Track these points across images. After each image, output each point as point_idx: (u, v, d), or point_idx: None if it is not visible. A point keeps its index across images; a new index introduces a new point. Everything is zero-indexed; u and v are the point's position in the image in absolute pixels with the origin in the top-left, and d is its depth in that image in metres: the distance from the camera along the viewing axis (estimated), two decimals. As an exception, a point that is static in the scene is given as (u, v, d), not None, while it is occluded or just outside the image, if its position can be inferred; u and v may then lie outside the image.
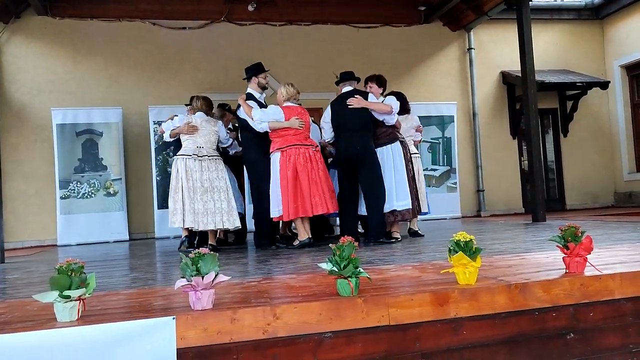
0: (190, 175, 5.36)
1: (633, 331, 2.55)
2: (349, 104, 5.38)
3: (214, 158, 5.56)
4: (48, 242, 8.53)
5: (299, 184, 5.12)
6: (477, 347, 2.37)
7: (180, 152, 5.51)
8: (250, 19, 9.56)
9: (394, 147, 5.52)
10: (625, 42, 10.50)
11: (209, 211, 5.33)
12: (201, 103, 5.70)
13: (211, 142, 5.59)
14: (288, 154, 5.17)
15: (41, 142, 8.68)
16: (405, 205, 5.44)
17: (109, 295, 2.82)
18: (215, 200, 5.39)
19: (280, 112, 5.27)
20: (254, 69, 5.70)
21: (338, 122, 5.48)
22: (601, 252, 3.34)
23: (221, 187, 5.45)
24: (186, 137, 5.52)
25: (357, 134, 5.35)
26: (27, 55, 8.79)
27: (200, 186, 5.35)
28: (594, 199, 10.85)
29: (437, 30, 10.37)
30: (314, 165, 5.22)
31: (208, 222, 5.33)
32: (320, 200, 5.15)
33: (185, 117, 5.63)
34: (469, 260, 2.45)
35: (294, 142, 5.21)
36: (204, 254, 2.23)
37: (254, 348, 2.16)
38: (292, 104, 5.42)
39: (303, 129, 5.29)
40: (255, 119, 5.25)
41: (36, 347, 1.96)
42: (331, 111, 5.56)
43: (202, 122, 5.57)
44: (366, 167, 5.31)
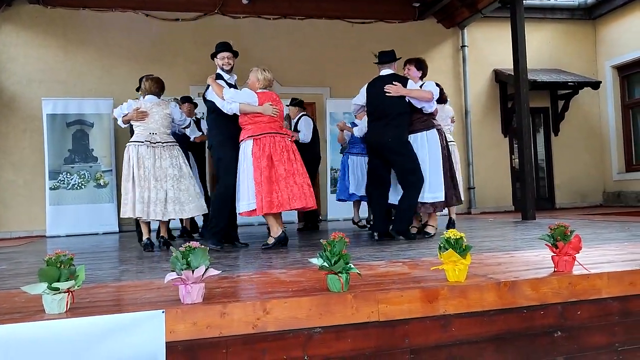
0: (142, 163, 5.03)
1: (619, 330, 2.58)
2: (386, 91, 5.02)
3: (169, 145, 5.21)
4: (37, 233, 8.47)
5: (275, 176, 4.70)
6: (465, 344, 2.39)
7: (133, 139, 5.17)
8: (244, 12, 9.51)
9: (429, 135, 5.19)
10: (617, 42, 10.56)
11: (159, 201, 5.02)
12: (149, 85, 5.31)
13: (165, 126, 5.24)
14: (262, 143, 4.73)
15: (31, 132, 8.61)
16: (436, 197, 5.13)
17: (98, 288, 2.81)
18: (167, 189, 5.06)
19: (254, 96, 4.83)
20: (217, 48, 5.18)
21: (373, 108, 5.15)
22: (589, 251, 3.37)
23: (175, 175, 5.11)
24: (138, 124, 5.16)
25: (393, 122, 5.01)
26: (17, 44, 8.70)
27: (153, 174, 5.03)
28: (583, 198, 10.93)
29: (431, 27, 10.38)
30: (290, 156, 4.80)
31: (157, 212, 5.00)
32: (299, 192, 4.73)
33: (134, 102, 5.24)
34: (458, 257, 2.46)
35: (268, 130, 4.78)
36: (194, 247, 2.23)
37: (243, 342, 2.16)
38: (266, 90, 4.96)
39: (277, 117, 4.88)
40: (227, 98, 4.80)
41: (24, 339, 1.95)
42: (367, 95, 5.22)
43: (152, 106, 5.20)
44: (400, 158, 5.01)
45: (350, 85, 9.83)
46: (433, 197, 5.12)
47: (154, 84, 5.32)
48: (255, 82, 4.95)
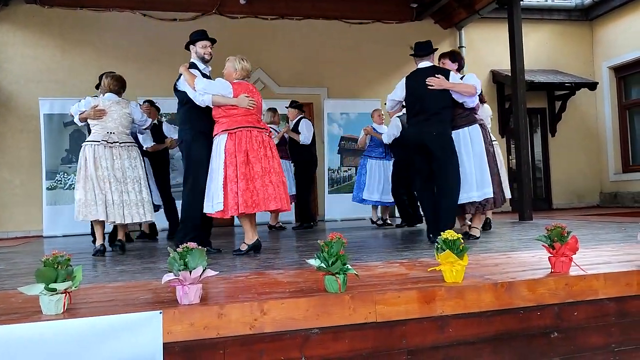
0: (100, 164, 4.81)
1: (616, 331, 2.59)
2: (428, 84, 4.73)
3: (127, 145, 4.99)
4: (33, 233, 8.45)
5: (251, 173, 4.25)
6: (463, 345, 2.39)
7: (89, 138, 4.95)
8: (242, 12, 9.50)
9: (472, 130, 4.93)
10: (614, 43, 10.59)
11: (118, 204, 4.81)
12: (109, 82, 5.06)
13: (123, 126, 5.02)
14: (238, 137, 4.29)
15: (28, 132, 8.59)
16: (484, 194, 4.84)
17: (95, 289, 2.80)
18: (129, 191, 4.87)
19: (229, 87, 4.39)
20: (194, 36, 4.82)
21: (414, 102, 4.84)
22: (586, 252, 3.38)
23: (135, 177, 4.92)
24: (95, 122, 4.94)
25: (436, 117, 4.73)
26: (14, 43, 8.68)
27: (113, 176, 4.81)
28: (580, 198, 10.96)
29: (428, 28, 10.38)
30: (267, 152, 4.36)
31: (125, 215, 4.83)
32: (274, 193, 4.29)
33: (92, 100, 5.03)
34: (456, 258, 2.47)
35: (244, 124, 4.34)
36: (192, 248, 2.23)
37: (240, 343, 2.16)
38: (243, 81, 4.54)
39: (254, 110, 4.43)
40: (198, 89, 4.39)
41: (21, 340, 1.94)
42: (406, 88, 4.91)
43: (111, 104, 4.98)
44: (443, 155, 4.71)
45: (348, 86, 9.89)
46: (481, 194, 4.85)
47: (113, 82, 5.09)
48: (232, 72, 4.52)
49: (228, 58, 4.59)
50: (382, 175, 7.18)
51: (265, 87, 9.59)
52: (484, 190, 4.84)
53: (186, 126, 4.67)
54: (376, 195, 7.17)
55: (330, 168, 9.58)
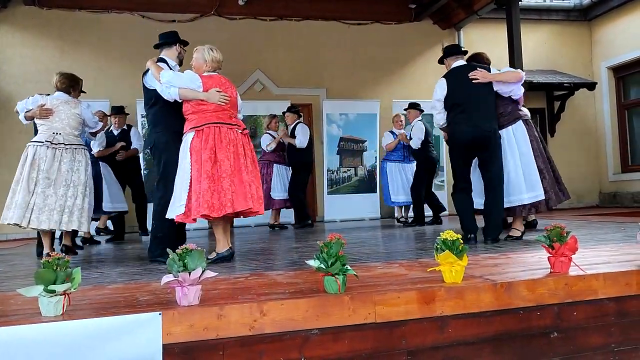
0: (37, 165, 4.57)
1: (615, 330, 2.59)
2: (472, 77, 4.54)
3: (73, 147, 4.72)
4: (32, 235, 8.41)
5: (217, 172, 3.84)
6: (462, 345, 2.39)
7: (34, 138, 4.74)
8: (241, 13, 9.50)
9: (516, 128, 4.72)
10: (612, 43, 10.60)
11: (48, 207, 4.51)
12: (58, 80, 4.86)
13: (71, 126, 4.76)
14: (205, 134, 3.90)
15: (27, 133, 8.51)
16: (535, 197, 4.64)
17: (94, 290, 2.80)
18: (59, 196, 4.55)
19: (198, 80, 4.00)
20: (174, 36, 4.56)
21: (457, 100, 4.60)
22: (585, 252, 3.38)
23: (74, 182, 4.63)
24: (41, 122, 4.73)
25: (487, 113, 4.53)
26: (13, 45, 8.68)
27: (46, 178, 4.55)
28: (579, 198, 10.96)
29: (427, 29, 10.39)
30: (239, 151, 3.96)
31: (43, 220, 4.50)
32: (245, 192, 3.89)
33: (40, 98, 4.82)
34: (455, 258, 2.47)
35: (214, 120, 3.95)
36: (191, 249, 2.23)
37: (240, 344, 2.16)
38: (214, 73, 4.15)
39: (227, 106, 4.02)
40: (164, 81, 3.99)
41: (20, 341, 1.94)
42: (448, 87, 4.68)
43: (59, 103, 4.76)
44: (494, 154, 4.53)
45: (347, 86, 9.89)
46: (532, 196, 4.63)
47: (62, 79, 4.87)
48: (201, 63, 4.12)
49: (196, 48, 4.21)
50: (403, 177, 7.61)
51: (264, 88, 9.60)
52: (536, 193, 4.64)
53: (158, 128, 4.28)
54: (402, 197, 7.59)
55: (330, 169, 9.58)
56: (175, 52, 4.50)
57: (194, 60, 4.18)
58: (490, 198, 4.52)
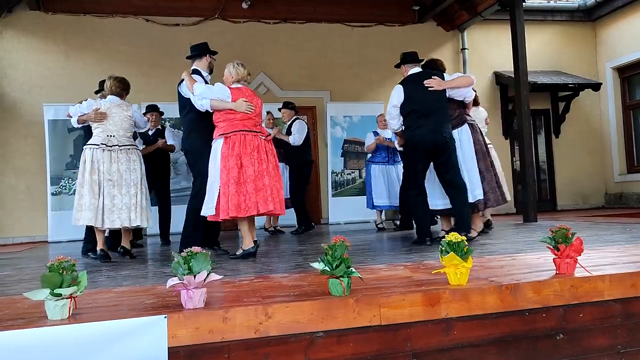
0: (97, 168, 4.75)
1: (621, 332, 2.58)
2: (428, 85, 4.76)
3: (127, 148, 4.90)
4: (39, 239, 8.47)
5: (243, 176, 4.29)
6: (468, 348, 2.38)
7: (90, 142, 4.90)
8: (244, 16, 9.53)
9: (461, 131, 5.01)
10: (617, 44, 10.57)
11: (116, 207, 4.73)
12: (112, 84, 5.03)
13: (124, 129, 4.94)
14: (232, 141, 4.36)
15: (32, 137, 8.62)
16: (474, 196, 4.92)
17: (100, 293, 2.81)
18: (123, 194, 4.77)
19: (227, 92, 4.48)
20: (204, 47, 5.02)
21: (415, 107, 4.79)
22: (591, 253, 3.37)
23: (133, 181, 4.83)
24: (96, 125, 4.88)
25: (442, 117, 4.78)
26: (18, 50, 8.73)
27: (108, 179, 4.74)
28: (585, 199, 10.92)
29: (430, 30, 10.39)
30: (262, 157, 4.41)
31: (114, 219, 4.72)
32: (267, 195, 4.33)
33: (94, 102, 4.98)
34: (460, 260, 2.46)
35: (240, 128, 4.41)
36: (196, 252, 2.23)
37: (245, 347, 2.16)
38: (241, 85, 4.63)
39: (252, 115, 4.50)
40: (197, 93, 4.49)
41: (26, 345, 1.95)
42: (405, 93, 4.85)
43: (112, 107, 4.92)
44: (452, 156, 4.77)
45: (351, 89, 9.90)
46: (472, 196, 4.88)
47: (116, 84, 5.04)
48: (228, 76, 4.64)
49: (226, 65, 4.69)
50: (387, 179, 7.20)
51: (268, 90, 9.61)
52: (474, 193, 4.91)
53: (192, 134, 4.77)
54: (385, 200, 7.19)
55: (334, 171, 9.58)
56: (206, 62, 4.98)
57: (224, 74, 4.68)
58: (459, 198, 4.75)
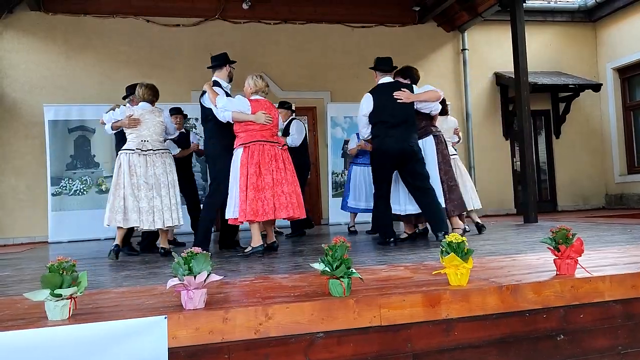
0: (134, 171, 4.95)
1: (622, 333, 2.57)
2: (396, 98, 4.94)
3: (160, 152, 5.12)
4: (39, 239, 8.48)
5: (261, 184, 4.65)
6: (468, 348, 2.38)
7: (125, 147, 5.09)
8: (245, 17, 9.54)
9: (426, 142, 5.22)
10: (617, 44, 10.57)
11: (155, 209, 4.93)
12: (143, 92, 5.22)
13: (157, 134, 5.16)
14: (251, 150, 4.71)
15: (33, 138, 8.63)
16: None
17: (100, 294, 2.81)
18: (162, 196, 4.98)
19: (247, 104, 4.80)
20: (224, 58, 5.28)
21: (383, 116, 4.98)
22: (591, 254, 3.37)
23: (169, 183, 5.05)
24: (130, 131, 5.10)
25: (410, 128, 4.97)
26: (19, 50, 8.73)
27: (145, 183, 4.95)
28: (585, 200, 10.92)
29: (431, 31, 10.40)
30: (279, 165, 4.76)
31: (155, 220, 4.93)
32: (286, 202, 4.69)
33: (127, 109, 5.16)
34: (460, 261, 2.46)
35: (258, 138, 4.76)
36: (196, 253, 2.23)
37: (245, 348, 2.16)
38: (259, 97, 4.95)
39: (271, 126, 4.84)
40: (219, 107, 4.80)
41: (26, 345, 1.95)
42: (375, 103, 5.02)
43: (145, 113, 5.13)
44: (419, 164, 4.95)
45: (351, 90, 9.88)
46: None
47: (148, 91, 5.23)
48: (247, 88, 4.96)
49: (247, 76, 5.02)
50: (367, 181, 6.87)
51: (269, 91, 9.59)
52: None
53: (212, 140, 5.13)
54: (363, 203, 6.95)
55: (334, 172, 9.58)
56: (226, 72, 5.28)
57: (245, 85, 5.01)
58: (429, 201, 4.94)
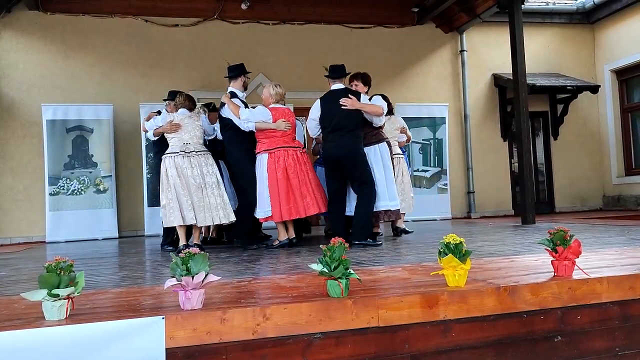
0: (182, 172, 5.26)
1: (619, 334, 2.58)
2: (342, 105, 5.21)
3: (202, 153, 5.45)
4: (36, 239, 8.46)
5: (290, 186, 5.13)
6: (466, 349, 2.38)
7: (168, 151, 5.41)
8: (243, 17, 9.53)
9: (381, 147, 5.50)
10: (615, 46, 10.59)
11: (205, 207, 5.26)
12: (183, 99, 5.60)
13: (197, 137, 5.49)
14: (277, 156, 5.18)
15: (31, 137, 8.61)
16: (396, 205, 5.46)
17: (97, 294, 2.81)
18: (209, 195, 5.30)
19: (269, 114, 5.24)
20: (241, 69, 5.67)
21: (328, 121, 5.30)
22: (589, 255, 3.37)
23: (213, 183, 5.36)
24: (171, 135, 5.44)
25: (349, 134, 5.20)
26: (17, 50, 8.71)
27: (193, 182, 5.25)
28: (583, 201, 10.93)
29: (429, 32, 10.40)
30: (302, 167, 5.25)
31: (206, 217, 5.26)
32: (312, 200, 5.20)
33: (168, 116, 5.54)
34: (458, 262, 2.46)
35: (281, 144, 5.22)
36: (194, 253, 2.23)
37: (243, 348, 2.16)
38: (279, 105, 5.37)
39: (290, 132, 5.29)
40: (243, 118, 5.23)
41: (24, 346, 1.94)
42: (321, 108, 5.37)
43: (184, 118, 5.47)
44: (357, 169, 5.18)
45: (350, 90, 9.88)
46: (394, 204, 5.42)
47: (187, 100, 5.62)
48: (268, 97, 5.36)
49: (264, 85, 5.46)
50: None
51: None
52: (394, 202, 5.44)
53: (232, 147, 5.48)
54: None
55: (333, 172, 9.56)
56: (241, 82, 5.67)
57: (262, 94, 5.45)
58: (358, 205, 5.20)
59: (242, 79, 5.64)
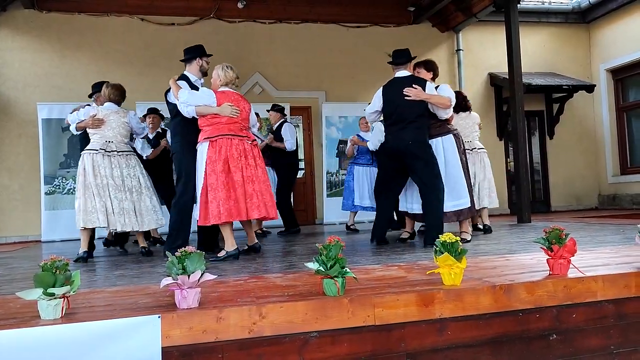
0: (99, 172, 4.83)
1: (614, 332, 2.59)
2: (405, 94, 4.71)
3: (125, 154, 5.03)
4: (32, 238, 8.44)
5: (230, 181, 4.31)
6: (461, 348, 2.39)
7: (88, 147, 4.98)
8: (240, 16, 9.53)
9: (445, 140, 4.94)
10: (611, 46, 10.63)
11: (124, 211, 4.84)
12: (109, 92, 5.11)
13: (122, 135, 5.05)
14: (218, 145, 4.34)
15: (26, 137, 8.59)
16: (458, 205, 4.87)
17: (93, 293, 2.80)
18: (127, 199, 4.88)
19: (212, 96, 4.43)
20: (198, 51, 4.94)
21: (390, 111, 4.83)
22: (584, 254, 3.39)
23: (134, 187, 4.96)
24: (93, 131, 4.98)
25: (412, 125, 4.72)
26: (12, 48, 8.69)
27: (113, 184, 4.84)
28: (579, 201, 10.97)
29: (426, 31, 10.42)
30: (249, 161, 4.41)
31: (125, 223, 4.83)
32: (257, 201, 4.36)
33: (92, 109, 5.04)
34: (454, 261, 2.47)
35: (225, 132, 4.38)
36: (190, 252, 2.23)
37: (239, 347, 2.16)
38: (228, 89, 4.56)
39: (238, 119, 4.45)
40: (181, 101, 4.44)
41: (19, 345, 1.94)
42: (383, 98, 4.89)
43: (109, 113, 5.02)
44: (421, 162, 4.69)
45: (346, 89, 9.91)
46: (456, 204, 4.85)
47: (114, 91, 5.13)
48: (216, 79, 4.59)
49: (216, 67, 4.64)
50: (370, 181, 7.04)
51: (264, 91, 9.61)
52: (460, 201, 4.86)
53: (177, 138, 4.81)
54: (367, 201, 7.09)
55: (329, 171, 9.58)
56: (197, 66, 4.92)
57: (212, 76, 4.63)
58: (426, 203, 4.71)
59: (198, 62, 4.89)
